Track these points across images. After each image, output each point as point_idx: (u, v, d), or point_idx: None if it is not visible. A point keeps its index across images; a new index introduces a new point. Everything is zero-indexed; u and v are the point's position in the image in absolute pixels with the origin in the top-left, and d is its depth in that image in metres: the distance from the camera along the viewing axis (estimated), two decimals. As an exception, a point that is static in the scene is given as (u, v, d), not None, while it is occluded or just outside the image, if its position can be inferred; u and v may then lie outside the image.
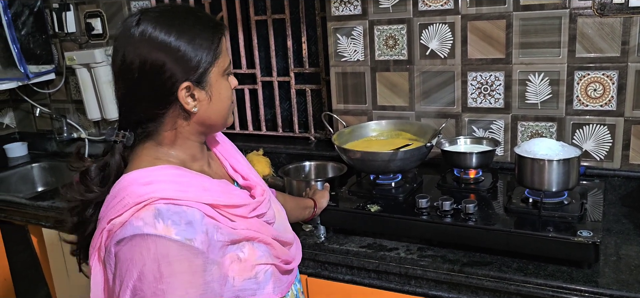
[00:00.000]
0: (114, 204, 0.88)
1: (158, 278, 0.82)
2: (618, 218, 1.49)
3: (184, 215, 0.86)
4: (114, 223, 0.86)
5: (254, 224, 0.98)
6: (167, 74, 0.90)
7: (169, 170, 0.92)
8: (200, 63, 0.92)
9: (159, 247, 0.82)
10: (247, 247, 0.95)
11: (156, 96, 0.92)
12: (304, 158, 2.04)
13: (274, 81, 2.27)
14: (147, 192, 0.87)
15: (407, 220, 1.41)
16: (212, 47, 0.93)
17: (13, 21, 2.45)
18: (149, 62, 0.89)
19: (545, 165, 1.35)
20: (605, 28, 1.55)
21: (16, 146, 2.85)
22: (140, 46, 0.89)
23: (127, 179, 0.90)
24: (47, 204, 2.07)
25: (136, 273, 0.82)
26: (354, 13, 1.87)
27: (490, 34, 1.68)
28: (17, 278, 2.39)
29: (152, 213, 0.84)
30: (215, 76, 0.95)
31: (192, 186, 0.91)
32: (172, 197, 0.87)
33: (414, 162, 1.59)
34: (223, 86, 0.97)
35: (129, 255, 0.83)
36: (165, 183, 0.89)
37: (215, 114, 0.97)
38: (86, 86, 2.49)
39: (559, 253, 1.25)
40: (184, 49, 0.90)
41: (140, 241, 0.83)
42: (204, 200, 0.90)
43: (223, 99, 0.98)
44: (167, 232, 0.83)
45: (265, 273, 0.97)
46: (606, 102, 1.60)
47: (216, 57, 0.94)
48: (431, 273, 1.32)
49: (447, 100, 1.80)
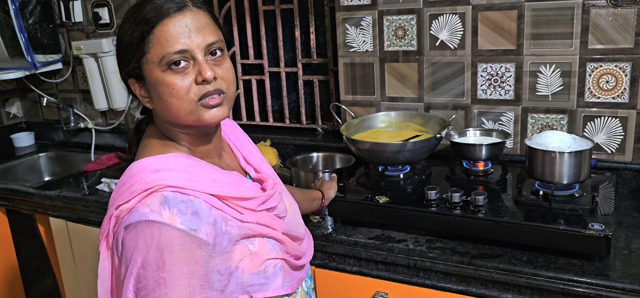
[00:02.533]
0: (123, 191, 0.88)
1: (161, 266, 0.81)
2: (629, 212, 1.48)
3: (190, 204, 0.86)
4: (121, 209, 0.87)
5: (264, 217, 0.96)
6: (120, 66, 0.94)
7: (178, 159, 0.91)
8: (132, 57, 0.89)
9: (163, 235, 0.82)
10: (257, 241, 0.94)
11: (125, 84, 0.96)
12: (312, 149, 2.03)
13: (282, 72, 2.26)
14: (155, 179, 0.86)
15: (415, 212, 1.40)
16: (138, 39, 0.88)
17: (20, 10, 2.44)
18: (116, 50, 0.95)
19: (556, 157, 1.33)
20: (618, 19, 1.52)
21: (23, 135, 2.86)
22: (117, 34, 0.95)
23: (137, 166, 0.90)
24: (54, 193, 2.07)
25: (140, 261, 0.82)
26: (363, 3, 1.86)
27: (501, 25, 1.67)
28: (24, 267, 2.40)
29: (158, 200, 0.84)
30: (151, 70, 0.89)
31: (200, 176, 0.90)
32: (179, 185, 0.86)
33: (423, 153, 1.57)
34: (162, 82, 0.88)
35: (134, 241, 0.83)
36: (174, 171, 0.88)
37: (166, 112, 0.91)
38: (93, 76, 2.49)
39: (569, 246, 1.23)
40: (122, 42, 0.91)
41: (144, 228, 0.83)
42: (211, 191, 0.89)
43: (161, 97, 0.89)
44: (172, 220, 0.83)
45: (275, 267, 0.96)
46: (618, 95, 1.58)
47: (146, 50, 0.88)
48: (440, 265, 1.31)
49: (456, 91, 1.79)
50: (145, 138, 0.99)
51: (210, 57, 0.91)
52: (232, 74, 0.94)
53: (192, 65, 0.88)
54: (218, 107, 0.91)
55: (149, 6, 0.88)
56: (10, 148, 2.83)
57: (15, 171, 2.61)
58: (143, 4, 0.89)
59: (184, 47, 0.87)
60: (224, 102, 0.92)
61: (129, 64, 0.90)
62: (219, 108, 0.92)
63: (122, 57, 0.92)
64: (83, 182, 2.20)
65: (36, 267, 2.38)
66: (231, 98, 0.95)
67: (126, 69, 0.92)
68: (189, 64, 0.88)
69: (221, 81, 0.91)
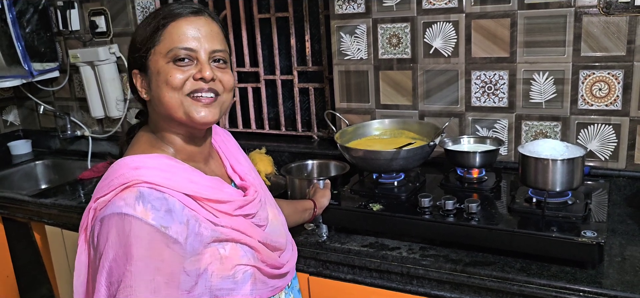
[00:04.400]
0: (103, 185, 0.91)
1: (129, 259, 0.83)
2: (623, 219, 1.48)
3: (164, 201, 0.88)
4: (99, 202, 0.90)
5: (240, 223, 0.97)
6: (129, 59, 1.00)
7: (160, 159, 0.94)
8: (141, 49, 0.95)
9: (133, 228, 0.84)
10: (229, 245, 0.95)
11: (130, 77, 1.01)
12: (307, 157, 2.03)
13: (277, 80, 2.26)
14: (134, 175, 0.89)
15: (409, 219, 1.40)
16: (150, 32, 0.95)
17: (18, 19, 2.45)
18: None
19: (549, 165, 1.33)
20: (610, 27, 1.53)
21: (20, 143, 2.86)
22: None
23: (120, 163, 0.93)
24: (49, 201, 2.07)
25: (112, 253, 0.84)
26: (357, 11, 1.87)
27: (495, 33, 1.67)
28: (20, 274, 2.40)
29: (134, 195, 0.86)
30: (156, 62, 0.94)
31: (178, 176, 0.92)
32: (156, 182, 0.89)
33: (416, 161, 1.58)
34: (162, 73, 0.93)
35: (106, 233, 0.85)
36: (154, 170, 0.91)
37: (158, 102, 0.95)
38: (90, 84, 2.49)
39: (562, 254, 1.23)
40: (135, 36, 0.97)
41: (118, 220, 0.85)
42: (186, 191, 0.91)
43: (159, 85, 0.94)
44: (144, 215, 0.85)
45: (244, 273, 0.96)
46: (611, 102, 1.58)
47: (156, 43, 0.94)
48: (433, 273, 1.31)
49: (450, 99, 1.79)
50: (136, 137, 1.02)
51: (214, 64, 0.96)
52: (231, 83, 0.98)
53: (194, 65, 0.94)
54: (208, 109, 0.95)
55: (168, 7, 0.97)
56: (7, 155, 2.83)
57: (12, 179, 2.61)
58: (164, 7, 0.98)
59: (192, 46, 0.93)
60: (215, 105, 0.95)
61: (137, 53, 0.97)
62: (209, 110, 0.95)
63: (133, 47, 0.98)
64: (79, 190, 2.20)
65: (32, 274, 2.38)
66: (224, 104, 0.97)
67: (134, 59, 0.98)
68: (192, 64, 0.94)
69: (218, 83, 0.96)
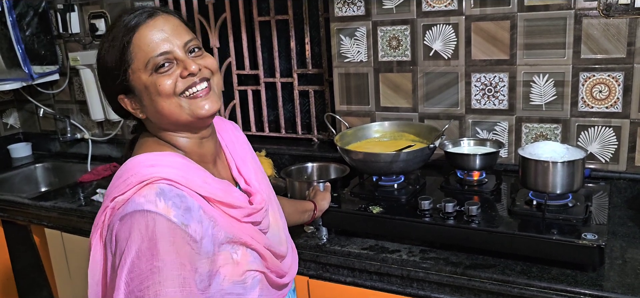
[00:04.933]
0: (118, 183, 0.89)
1: (155, 254, 0.82)
2: (623, 221, 1.47)
3: (184, 199, 0.87)
4: (117, 200, 0.88)
5: (248, 229, 0.97)
6: (107, 85, 0.96)
7: (173, 157, 0.93)
8: (118, 73, 0.92)
9: (157, 224, 0.83)
10: (240, 250, 0.95)
11: (114, 102, 0.98)
12: (307, 159, 2.03)
13: (277, 82, 2.26)
14: (151, 172, 0.88)
15: (409, 222, 1.40)
16: (120, 54, 0.91)
17: (18, 22, 2.45)
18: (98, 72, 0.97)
19: (549, 167, 1.33)
20: (610, 29, 1.53)
21: (20, 146, 2.86)
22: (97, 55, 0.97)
23: (133, 161, 0.92)
24: (49, 204, 2.07)
25: (134, 249, 0.82)
26: (357, 14, 1.87)
27: (495, 35, 1.67)
28: (19, 277, 2.39)
29: (154, 191, 0.85)
30: (138, 79, 0.91)
31: (194, 175, 0.92)
32: (175, 179, 0.88)
33: (416, 163, 1.57)
34: (150, 86, 0.91)
35: (128, 231, 0.84)
36: (170, 167, 0.90)
37: (159, 116, 0.93)
38: (90, 87, 2.49)
39: (563, 256, 1.23)
40: (105, 62, 0.93)
41: (139, 218, 0.83)
42: (202, 192, 0.91)
43: (153, 99, 0.92)
44: (166, 212, 0.84)
45: (254, 279, 0.96)
46: (612, 104, 1.58)
47: (130, 62, 0.91)
48: (433, 276, 1.31)
49: (450, 101, 1.79)
50: (142, 138, 1.00)
51: (190, 55, 0.94)
52: (215, 64, 0.97)
53: (175, 65, 0.92)
54: (208, 99, 0.94)
55: (120, 23, 0.92)
56: (7, 158, 2.83)
57: (12, 182, 2.61)
58: (115, 24, 0.93)
59: (166, 49, 0.91)
60: (211, 93, 0.95)
61: (116, 79, 0.92)
62: (209, 100, 0.94)
63: (107, 76, 0.94)
64: (79, 193, 2.20)
65: (31, 277, 2.37)
66: (218, 86, 0.97)
67: (113, 86, 0.94)
68: (173, 65, 0.92)
69: (205, 70, 0.94)
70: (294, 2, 2.13)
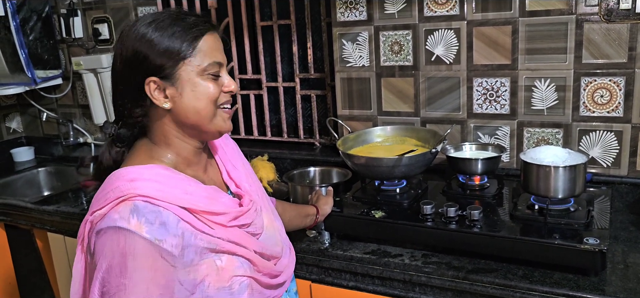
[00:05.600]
0: (100, 197, 0.92)
1: (123, 271, 0.84)
2: (625, 226, 1.48)
3: (159, 214, 0.88)
4: (95, 215, 0.90)
5: (235, 234, 0.97)
6: (139, 68, 0.93)
7: (156, 170, 0.94)
8: (170, 59, 0.93)
9: (128, 241, 0.85)
10: (225, 257, 0.95)
11: (132, 89, 0.95)
12: (309, 164, 2.03)
13: (280, 87, 2.27)
14: (129, 188, 0.89)
15: (411, 226, 1.40)
16: (183, 45, 0.93)
17: (21, 26, 2.47)
18: (127, 55, 0.94)
19: (551, 171, 1.33)
20: (612, 34, 1.54)
21: (23, 150, 2.87)
22: (126, 41, 0.94)
23: (116, 174, 0.93)
24: (52, 208, 2.08)
25: (105, 265, 0.85)
26: (359, 19, 1.88)
27: (496, 40, 1.68)
28: (22, 281, 2.40)
29: (129, 208, 0.87)
30: (189, 73, 0.94)
31: (174, 188, 0.93)
32: (151, 195, 0.89)
33: (418, 168, 1.58)
34: (200, 85, 0.95)
35: (101, 246, 0.86)
36: (149, 182, 0.91)
37: (192, 113, 0.96)
38: (92, 91, 2.50)
39: (565, 261, 1.23)
40: (156, 45, 0.93)
41: (112, 234, 0.86)
42: (181, 203, 0.92)
43: (198, 97, 0.95)
44: (138, 229, 0.86)
45: (241, 284, 0.97)
46: (613, 109, 1.59)
47: (188, 55, 0.94)
48: (436, 280, 1.31)
49: (452, 106, 1.80)
50: (135, 147, 1.01)
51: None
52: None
53: (219, 78, 0.99)
54: (230, 120, 1.02)
55: (191, 19, 0.96)
56: (10, 162, 2.83)
57: (15, 186, 2.62)
58: (180, 17, 0.96)
59: (220, 60, 0.98)
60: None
61: (158, 62, 0.93)
62: (230, 121, 1.02)
63: (147, 56, 0.93)
64: (82, 197, 2.20)
65: (34, 281, 2.38)
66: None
67: (148, 67, 0.93)
68: (218, 77, 0.99)
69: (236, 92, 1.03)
70: (296, 6, 2.14)
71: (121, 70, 0.95)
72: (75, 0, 2.55)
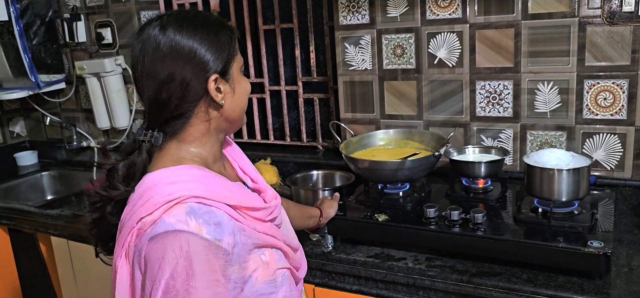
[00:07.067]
0: (143, 203, 0.89)
1: (190, 275, 0.83)
2: (629, 229, 1.47)
3: (213, 215, 0.88)
4: (144, 221, 0.87)
5: (270, 228, 1.00)
6: (197, 68, 0.92)
7: (192, 170, 0.93)
8: (225, 55, 0.96)
9: (191, 244, 0.84)
10: (267, 251, 0.97)
11: (186, 91, 0.93)
12: (312, 167, 2.03)
13: (282, 90, 2.27)
14: (176, 190, 0.88)
15: (415, 230, 1.40)
16: (231, 43, 0.98)
17: (25, 31, 2.48)
18: (179, 58, 0.91)
19: (554, 175, 1.33)
20: (614, 36, 1.53)
21: (26, 154, 2.87)
22: (169, 45, 0.92)
23: (152, 178, 0.91)
24: (56, 212, 2.08)
25: (169, 271, 0.83)
26: (362, 22, 1.88)
27: (499, 43, 1.68)
28: (25, 286, 2.40)
29: (184, 211, 0.86)
30: (236, 71, 0.99)
31: (216, 186, 0.93)
32: (201, 196, 0.89)
33: (422, 171, 1.58)
34: (242, 80, 1.02)
35: (162, 252, 0.84)
36: (192, 183, 0.90)
37: (239, 109, 1.01)
38: (96, 95, 2.51)
39: (569, 264, 1.23)
40: (211, 43, 0.94)
41: (172, 239, 0.84)
42: (228, 201, 0.92)
43: (243, 92, 1.02)
44: (198, 230, 0.85)
45: (283, 276, 1.00)
46: (616, 111, 1.58)
47: (235, 52, 0.99)
48: (439, 284, 1.31)
49: (455, 109, 1.80)
50: (164, 150, 0.97)
51: None
52: None
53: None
54: None
55: (222, 20, 1.01)
56: (13, 166, 2.84)
57: (18, 190, 2.62)
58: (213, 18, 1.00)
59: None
60: None
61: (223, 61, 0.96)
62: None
63: (212, 56, 0.94)
64: (85, 201, 2.21)
65: (37, 285, 2.38)
66: None
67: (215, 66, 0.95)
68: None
69: None
70: (298, 10, 2.15)
71: (170, 76, 0.91)
72: (79, 5, 2.56)
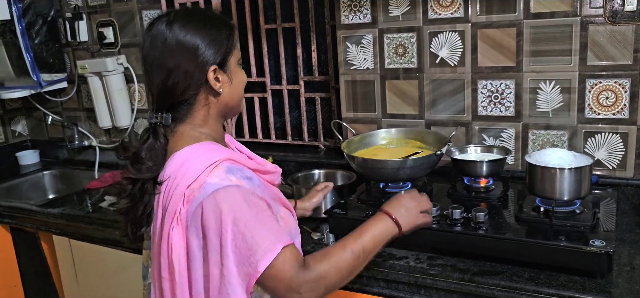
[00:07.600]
0: (183, 173, 1.01)
1: (248, 216, 0.98)
2: (631, 228, 1.47)
3: (245, 171, 1.06)
4: (192, 188, 1.00)
5: (278, 191, 1.18)
6: (199, 59, 1.06)
7: (212, 145, 1.08)
8: (224, 49, 1.08)
9: (241, 192, 1.00)
10: (282, 209, 1.15)
11: (190, 79, 1.06)
12: (313, 166, 2.03)
13: (284, 89, 2.28)
14: (211, 157, 1.03)
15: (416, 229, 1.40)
16: (230, 37, 1.10)
17: (27, 30, 2.48)
18: (184, 52, 1.05)
19: (556, 174, 1.33)
20: (616, 36, 1.53)
21: (28, 153, 2.88)
22: (175, 40, 1.05)
23: (182, 155, 1.04)
24: (57, 211, 2.08)
25: (230, 219, 0.96)
26: (363, 21, 1.88)
27: (501, 42, 1.68)
28: (27, 284, 2.41)
29: (223, 170, 1.02)
30: (233, 63, 1.12)
31: (234, 154, 1.09)
32: (233, 158, 1.06)
33: (423, 170, 1.58)
34: (239, 72, 1.14)
35: (216, 208, 0.97)
36: (219, 151, 1.06)
37: (236, 97, 1.14)
38: (97, 94, 2.51)
39: (571, 263, 1.23)
40: (211, 39, 1.07)
41: (223, 194, 0.98)
42: (248, 165, 1.10)
43: (240, 83, 1.15)
44: (239, 183, 1.02)
45: (295, 230, 1.17)
46: (618, 111, 1.58)
47: (234, 47, 1.11)
48: (441, 283, 1.31)
49: (457, 108, 1.80)
50: (178, 134, 1.10)
51: None
52: None
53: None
54: None
55: (220, 15, 1.14)
56: (15, 165, 2.85)
57: (20, 189, 2.63)
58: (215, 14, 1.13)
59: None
60: None
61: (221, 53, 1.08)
62: None
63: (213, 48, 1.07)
64: (86, 200, 2.21)
65: (39, 284, 2.39)
66: None
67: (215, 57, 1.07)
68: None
69: None
70: (300, 9, 2.15)
71: (177, 66, 1.05)
72: (81, 4, 2.56)
